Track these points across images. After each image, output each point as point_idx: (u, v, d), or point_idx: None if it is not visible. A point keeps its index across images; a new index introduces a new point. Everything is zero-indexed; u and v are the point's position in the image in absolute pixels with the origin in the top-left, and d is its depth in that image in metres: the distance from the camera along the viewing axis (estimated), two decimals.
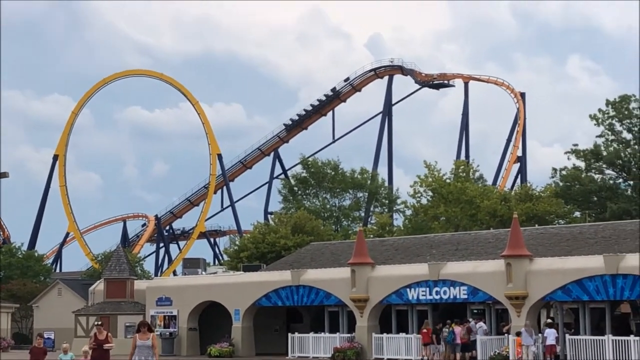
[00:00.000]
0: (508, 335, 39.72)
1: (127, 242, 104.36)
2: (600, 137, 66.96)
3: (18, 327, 72.42)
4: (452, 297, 42.58)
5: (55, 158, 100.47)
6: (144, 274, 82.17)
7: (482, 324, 41.43)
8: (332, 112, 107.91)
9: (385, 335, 44.14)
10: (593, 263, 38.58)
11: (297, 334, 47.36)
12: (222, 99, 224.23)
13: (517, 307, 39.88)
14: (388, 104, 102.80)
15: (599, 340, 37.49)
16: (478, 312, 43.43)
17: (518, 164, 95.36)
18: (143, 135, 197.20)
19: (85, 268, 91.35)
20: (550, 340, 37.66)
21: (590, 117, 67.11)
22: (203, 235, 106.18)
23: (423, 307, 44.23)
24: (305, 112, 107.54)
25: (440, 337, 41.77)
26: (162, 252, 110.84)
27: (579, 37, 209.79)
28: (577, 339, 38.39)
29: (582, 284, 38.60)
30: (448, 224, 67.02)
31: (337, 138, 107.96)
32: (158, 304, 53.08)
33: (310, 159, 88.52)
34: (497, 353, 39.50)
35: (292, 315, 52.48)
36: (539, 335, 38.67)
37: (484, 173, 77.00)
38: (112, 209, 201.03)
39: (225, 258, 77.50)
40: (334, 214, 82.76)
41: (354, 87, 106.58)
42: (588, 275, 38.41)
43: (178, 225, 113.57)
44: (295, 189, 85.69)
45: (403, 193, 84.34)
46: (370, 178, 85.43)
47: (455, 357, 41.21)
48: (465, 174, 72.06)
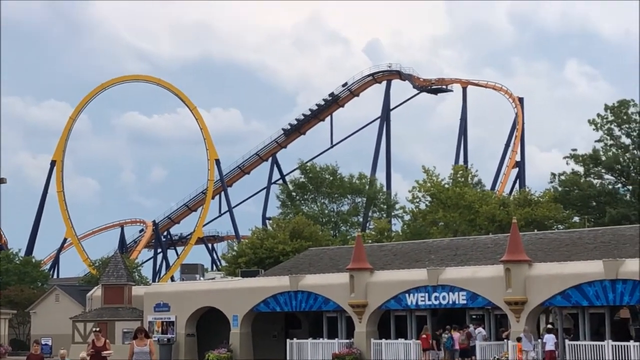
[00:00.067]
0: (507, 341, 39.60)
1: (124, 247, 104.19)
2: (599, 142, 66.91)
3: (15, 333, 72.18)
4: (451, 302, 42.45)
5: (53, 164, 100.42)
6: (142, 280, 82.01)
7: (481, 330, 41.32)
8: (330, 117, 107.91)
9: (384, 341, 44.00)
10: (592, 268, 38.47)
11: (295, 340, 47.20)
12: (219, 104, 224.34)
13: (516, 312, 39.76)
14: (386, 109, 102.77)
15: (599, 346, 37.37)
16: (477, 317, 43.31)
17: (516, 169, 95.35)
18: (141, 141, 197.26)
19: (83, 274, 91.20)
20: (550, 346, 37.53)
21: (589, 122, 67.06)
22: (201, 241, 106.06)
23: (422, 312, 44.10)
24: (304, 117, 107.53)
25: (440, 342, 41.66)
26: (159, 257, 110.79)
27: (577, 42, 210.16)
28: (576, 345, 38.27)
29: (581, 289, 38.48)
30: (447, 229, 66.92)
31: (335, 143, 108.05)
32: (156, 310, 52.94)
33: (309, 164, 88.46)
34: (496, 359, 39.38)
35: (290, 321, 52.34)
36: (538, 341, 38.54)
37: (483, 178, 76.98)
38: (109, 215, 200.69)
39: (223, 263, 77.37)
40: (332, 219, 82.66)
41: (352, 92, 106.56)
42: (587, 281, 38.30)
43: (176, 231, 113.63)
44: (294, 194, 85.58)
45: (401, 198, 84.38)
46: (369, 183, 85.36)
47: None
48: (464, 179, 71.97)
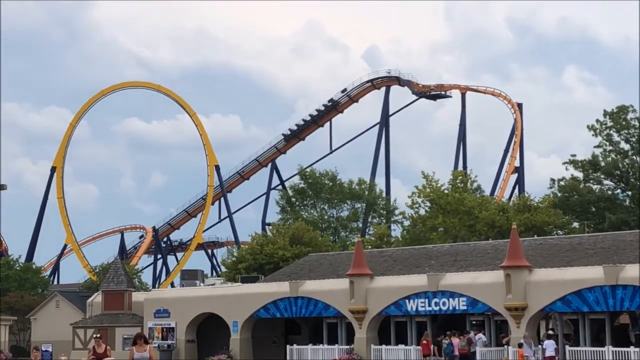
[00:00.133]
0: (508, 347, 39.61)
1: (124, 253, 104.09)
2: (598, 147, 67.04)
3: (16, 339, 72.11)
4: (451, 308, 42.47)
5: (53, 170, 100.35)
6: (142, 286, 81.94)
7: (481, 336, 41.33)
8: (329, 123, 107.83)
9: (384, 347, 44.02)
10: (593, 274, 38.50)
11: (295, 346, 47.23)
12: (219, 111, 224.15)
13: (516, 318, 39.78)
14: (385, 115, 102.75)
15: (599, 352, 37.40)
16: (477, 323, 43.33)
17: (516, 175, 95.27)
18: (140, 147, 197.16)
19: (83, 280, 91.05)
20: (550, 352, 37.53)
21: (588, 127, 67.18)
22: (201, 247, 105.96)
23: (422, 318, 44.12)
24: (304, 122, 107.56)
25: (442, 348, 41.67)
26: (159, 263, 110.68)
27: (576, 48, 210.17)
28: (576, 350, 38.30)
29: (581, 295, 38.51)
30: (446, 235, 66.90)
31: (334, 149, 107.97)
32: (156, 316, 52.96)
33: (308, 170, 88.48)
34: None
35: (290, 327, 52.34)
36: (539, 347, 38.55)
37: (482, 184, 76.91)
38: (109, 221, 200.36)
39: (223, 269, 77.30)
40: (332, 225, 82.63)
41: (351, 98, 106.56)
42: (588, 286, 38.34)
43: (176, 237, 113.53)
44: (293, 200, 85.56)
45: (401, 204, 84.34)
46: (368, 189, 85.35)
47: None
48: (463, 185, 71.95)
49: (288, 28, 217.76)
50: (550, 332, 40.03)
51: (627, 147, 66.27)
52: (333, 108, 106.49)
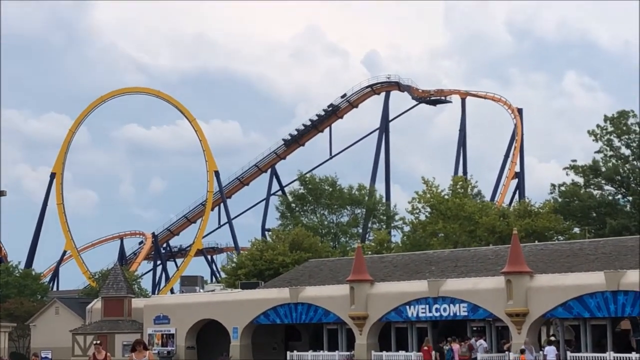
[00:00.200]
0: (509, 353, 39.47)
1: (124, 260, 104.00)
2: (599, 152, 66.86)
3: (15, 346, 72.01)
4: (452, 314, 42.36)
5: (53, 176, 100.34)
6: (142, 292, 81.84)
7: (482, 342, 41.20)
8: (329, 128, 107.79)
9: (385, 353, 43.90)
10: (594, 279, 38.40)
11: (295, 352, 47.12)
12: (218, 116, 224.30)
13: (517, 324, 39.66)
14: (385, 120, 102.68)
15: (600, 358, 37.31)
16: (478, 329, 43.21)
17: (516, 180, 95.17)
18: (140, 153, 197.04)
19: (83, 286, 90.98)
20: (551, 358, 37.45)
21: (589, 132, 67.01)
22: (200, 253, 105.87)
23: (423, 324, 44.00)
24: (304, 127, 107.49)
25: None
26: (159, 269, 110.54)
27: (576, 53, 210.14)
28: (578, 357, 38.19)
29: (583, 301, 38.40)
30: (447, 241, 66.78)
31: (334, 154, 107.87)
32: (156, 322, 52.82)
33: (308, 176, 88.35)
34: None
35: (290, 333, 52.22)
36: (540, 353, 38.42)
37: (482, 189, 76.81)
38: (109, 227, 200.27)
39: (223, 275, 77.20)
40: (332, 231, 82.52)
41: (351, 103, 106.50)
42: (589, 292, 38.24)
43: (175, 243, 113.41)
44: (293, 206, 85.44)
45: (401, 209, 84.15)
46: (368, 194, 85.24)
47: None
48: (464, 190, 71.85)
49: (288, 33, 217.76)
50: (552, 338, 39.94)
51: (627, 152, 66.12)
52: (333, 113, 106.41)
